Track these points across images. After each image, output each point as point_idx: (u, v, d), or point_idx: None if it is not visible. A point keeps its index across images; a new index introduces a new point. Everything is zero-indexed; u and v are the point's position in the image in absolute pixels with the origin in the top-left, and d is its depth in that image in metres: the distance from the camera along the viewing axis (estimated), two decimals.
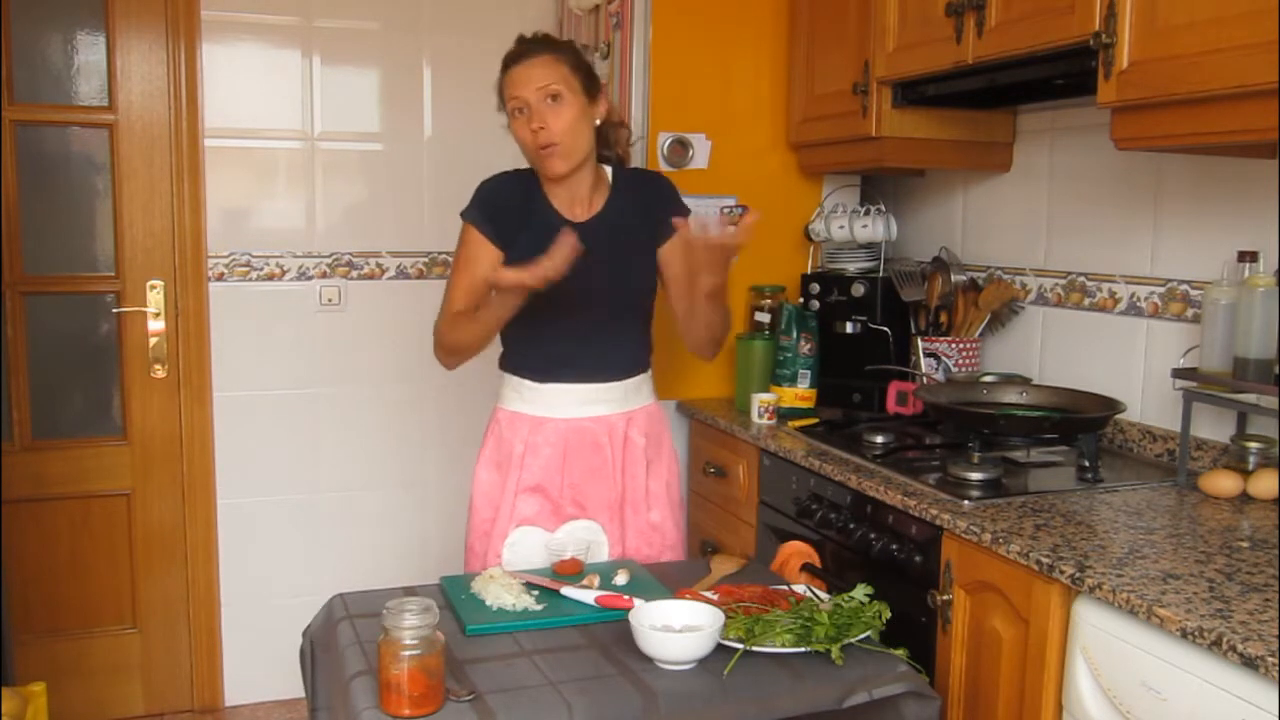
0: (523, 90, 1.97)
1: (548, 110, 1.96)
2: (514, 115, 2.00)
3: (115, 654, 3.20)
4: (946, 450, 2.23)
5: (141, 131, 3.07)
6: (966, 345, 2.57)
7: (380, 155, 3.29)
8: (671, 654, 1.51)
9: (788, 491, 2.38)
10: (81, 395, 3.16)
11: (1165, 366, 2.11)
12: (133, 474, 3.17)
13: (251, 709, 3.29)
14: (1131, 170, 2.28)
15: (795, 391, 2.69)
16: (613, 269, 2.06)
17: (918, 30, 2.32)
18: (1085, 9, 1.83)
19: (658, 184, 2.18)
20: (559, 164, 1.98)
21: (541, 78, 1.97)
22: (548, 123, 1.96)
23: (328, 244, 3.27)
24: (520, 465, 2.07)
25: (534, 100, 1.96)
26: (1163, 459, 2.18)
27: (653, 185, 2.17)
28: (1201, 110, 1.66)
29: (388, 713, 1.40)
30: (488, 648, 1.59)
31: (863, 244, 2.81)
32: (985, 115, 2.58)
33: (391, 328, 3.33)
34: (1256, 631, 1.29)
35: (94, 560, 3.15)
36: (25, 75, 2.98)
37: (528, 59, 1.99)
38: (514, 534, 2.06)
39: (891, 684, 1.53)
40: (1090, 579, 1.49)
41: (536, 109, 1.96)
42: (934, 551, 1.87)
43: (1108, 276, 2.36)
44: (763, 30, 2.88)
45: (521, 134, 2.00)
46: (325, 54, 3.20)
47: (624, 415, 2.11)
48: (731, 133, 2.87)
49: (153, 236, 3.11)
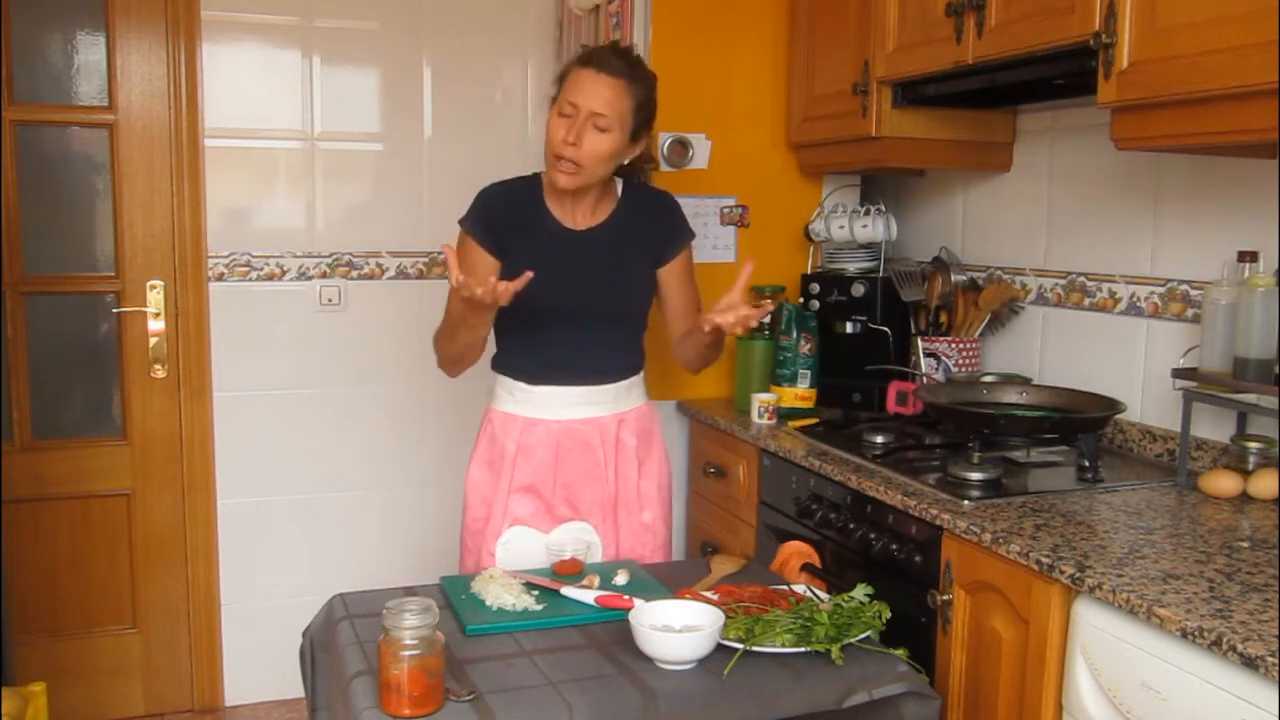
0: (581, 99, 1.93)
1: (589, 133, 1.93)
2: (561, 110, 1.96)
3: (115, 654, 3.20)
4: (946, 450, 2.23)
5: (141, 131, 3.07)
6: (966, 345, 2.57)
7: (380, 155, 3.29)
8: (671, 654, 1.51)
9: (788, 491, 2.38)
10: (81, 395, 3.16)
11: (1165, 366, 2.11)
12: (133, 474, 3.17)
13: (251, 709, 3.29)
14: (1131, 170, 2.28)
15: (795, 391, 2.69)
16: (608, 280, 2.06)
17: (918, 30, 2.32)
18: (1085, 9, 1.83)
19: (664, 205, 2.18)
20: (568, 181, 1.97)
21: (603, 101, 1.92)
22: (583, 143, 1.93)
23: (328, 244, 3.27)
24: (513, 465, 2.07)
25: (583, 115, 1.93)
26: (1163, 459, 2.18)
27: (659, 206, 2.17)
28: (1201, 110, 1.66)
29: (388, 713, 1.40)
30: (488, 648, 1.59)
31: (863, 244, 2.81)
32: (985, 115, 2.58)
33: (391, 328, 3.33)
34: (1256, 631, 1.29)
35: (94, 560, 3.15)
36: (25, 75, 2.98)
37: (605, 72, 1.93)
38: (507, 533, 2.07)
39: (891, 684, 1.53)
40: (1090, 579, 1.49)
41: (580, 125, 1.93)
42: (934, 551, 1.87)
43: (1108, 276, 2.36)
44: (763, 30, 2.88)
45: (554, 130, 1.96)
46: (325, 54, 3.20)
47: (615, 417, 2.12)
48: (731, 133, 2.87)
49: (153, 236, 3.11)
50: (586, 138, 1.93)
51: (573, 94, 1.94)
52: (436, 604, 1.45)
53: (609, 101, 1.93)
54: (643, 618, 1.57)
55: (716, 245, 2.88)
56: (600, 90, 1.93)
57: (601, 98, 1.92)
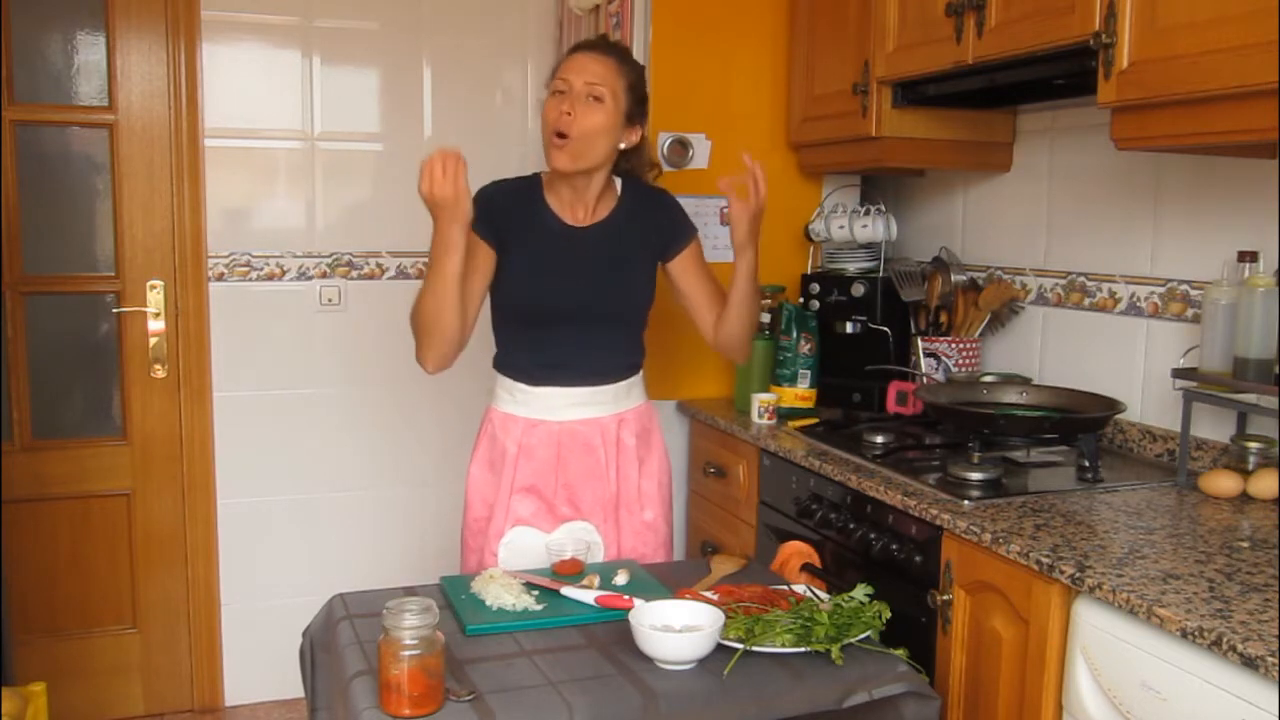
0: (573, 76, 1.97)
1: (583, 105, 1.96)
2: (553, 93, 2.00)
3: (115, 654, 3.20)
4: (946, 450, 2.23)
5: (141, 131, 3.07)
6: (966, 345, 2.57)
7: (380, 155, 3.29)
8: (671, 654, 1.51)
9: (788, 491, 2.38)
10: (81, 395, 3.16)
11: (1165, 366, 2.11)
12: (133, 474, 3.17)
13: (251, 709, 3.29)
14: (1131, 170, 2.28)
15: (795, 391, 2.69)
16: (609, 278, 2.06)
17: (918, 30, 2.32)
18: (1085, 9, 1.83)
19: (665, 204, 2.18)
20: (564, 159, 1.97)
21: (595, 74, 1.97)
22: (577, 115, 1.95)
23: (328, 244, 3.27)
24: (514, 466, 2.07)
25: (577, 89, 1.96)
26: (1163, 459, 2.18)
27: (660, 204, 2.17)
28: (1201, 110, 1.66)
29: (388, 713, 1.40)
30: (488, 648, 1.59)
31: (863, 244, 2.81)
32: (985, 115, 2.58)
33: (391, 328, 3.31)
34: (1256, 631, 1.29)
35: (94, 560, 3.15)
36: (25, 75, 2.98)
37: (595, 52, 2.01)
38: (510, 534, 2.06)
39: (891, 684, 1.53)
40: (1090, 579, 1.49)
41: (574, 99, 1.96)
42: (934, 551, 1.87)
43: (1108, 276, 2.36)
44: (763, 30, 2.88)
45: (549, 112, 1.98)
46: (325, 54, 3.20)
47: (616, 417, 2.12)
48: (731, 133, 2.87)
49: (153, 236, 3.11)
50: (581, 110, 1.96)
51: (564, 73, 1.99)
52: (436, 604, 1.45)
53: (601, 75, 1.97)
54: (643, 618, 1.57)
55: (717, 245, 2.88)
56: (592, 65, 1.98)
57: (594, 71, 1.97)
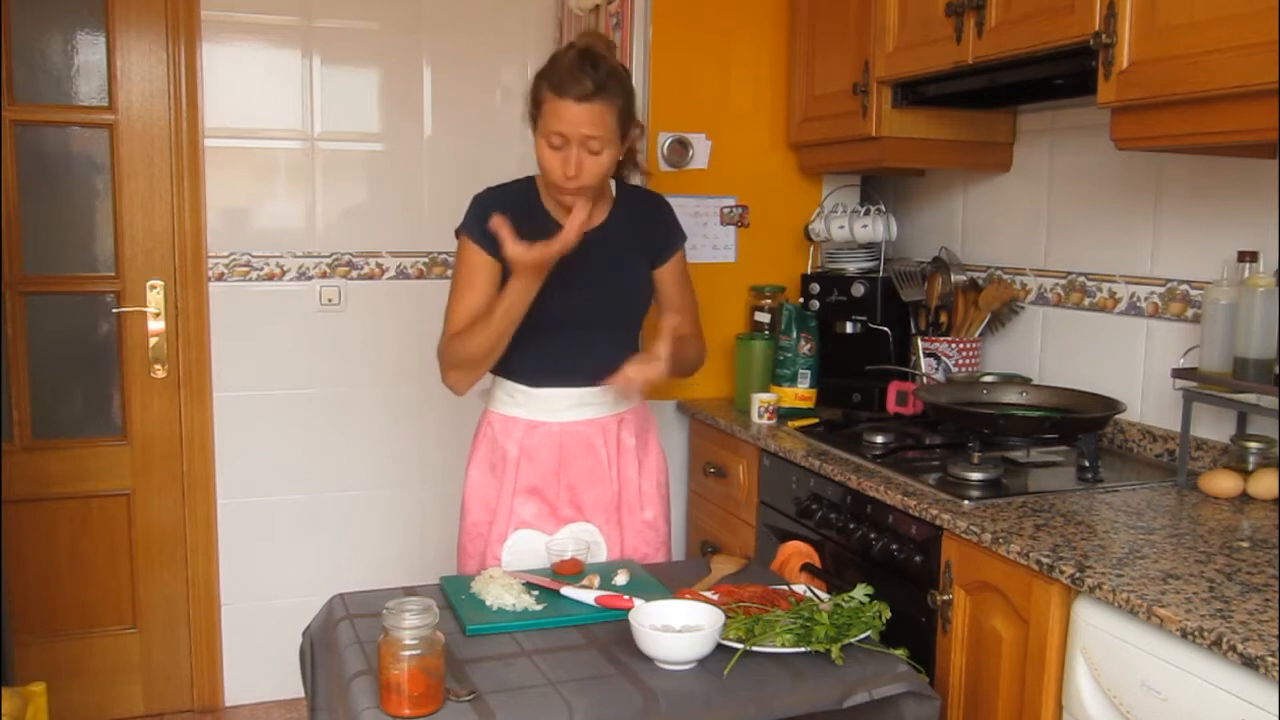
0: (567, 129, 1.90)
1: (586, 157, 1.91)
2: (549, 142, 1.93)
3: (115, 654, 3.20)
4: (946, 450, 2.23)
5: (141, 131, 3.07)
6: (966, 345, 2.57)
7: (380, 155, 3.29)
8: (671, 654, 1.51)
9: (788, 491, 2.38)
10: (81, 395, 3.16)
11: (1165, 366, 2.11)
12: (133, 474, 3.17)
13: (251, 709, 3.29)
14: (1131, 170, 2.28)
15: (795, 391, 2.69)
16: (607, 280, 2.06)
17: (918, 30, 2.32)
18: (1085, 9, 1.83)
19: (658, 206, 2.19)
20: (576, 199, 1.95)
21: (592, 127, 1.90)
22: (584, 168, 1.92)
23: (328, 244, 3.27)
24: (516, 468, 2.07)
25: (574, 142, 1.90)
26: (1163, 459, 2.18)
27: (653, 207, 2.18)
28: (1201, 110, 1.66)
29: (388, 713, 1.40)
30: (488, 648, 1.59)
31: (863, 244, 2.81)
32: (985, 115, 2.58)
33: (391, 328, 3.33)
34: (1256, 631, 1.29)
35: (94, 560, 3.15)
36: (25, 75, 2.98)
37: (583, 100, 1.89)
38: (512, 537, 2.06)
39: (891, 684, 1.53)
40: (1090, 579, 1.49)
41: (576, 152, 1.91)
42: (934, 551, 1.87)
43: (1108, 276, 2.36)
44: (763, 30, 2.88)
45: (550, 163, 1.93)
46: (325, 54, 3.20)
47: (615, 417, 2.12)
48: (731, 133, 2.87)
49: (153, 236, 3.11)
50: (586, 163, 1.92)
51: (558, 127, 1.90)
52: (436, 604, 1.45)
53: (595, 127, 1.90)
54: (643, 618, 1.57)
55: (716, 245, 2.88)
56: (582, 117, 1.89)
57: (586, 124, 1.90)
